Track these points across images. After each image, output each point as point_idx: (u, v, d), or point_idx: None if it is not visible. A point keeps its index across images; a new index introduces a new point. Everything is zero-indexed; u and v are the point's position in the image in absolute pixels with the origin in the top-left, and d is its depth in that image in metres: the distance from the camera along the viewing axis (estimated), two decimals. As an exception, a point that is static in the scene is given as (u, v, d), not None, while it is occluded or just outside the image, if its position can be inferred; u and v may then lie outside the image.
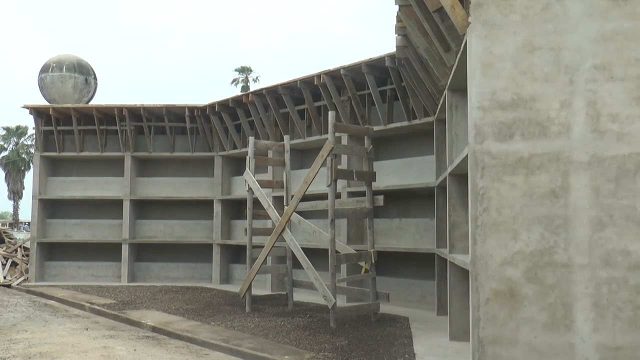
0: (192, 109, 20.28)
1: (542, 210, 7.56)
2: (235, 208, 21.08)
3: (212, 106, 19.66)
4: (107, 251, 21.20)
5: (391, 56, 14.02)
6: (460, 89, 10.38)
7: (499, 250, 7.60)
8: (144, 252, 21.57)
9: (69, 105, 20.78)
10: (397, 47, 12.58)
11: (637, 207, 7.45)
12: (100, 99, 24.33)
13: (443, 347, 10.09)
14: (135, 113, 20.63)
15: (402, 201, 16.00)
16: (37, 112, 21.00)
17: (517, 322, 7.50)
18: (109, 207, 21.47)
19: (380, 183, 14.94)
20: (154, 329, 12.10)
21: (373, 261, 12.77)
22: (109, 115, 20.79)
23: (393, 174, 15.68)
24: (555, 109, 7.62)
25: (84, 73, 22.23)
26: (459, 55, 9.12)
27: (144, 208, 21.73)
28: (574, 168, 7.54)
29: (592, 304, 7.43)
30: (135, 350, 10.32)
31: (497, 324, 7.53)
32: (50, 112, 20.54)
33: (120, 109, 20.23)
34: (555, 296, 7.48)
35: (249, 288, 14.11)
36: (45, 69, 22.04)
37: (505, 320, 7.53)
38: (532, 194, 7.59)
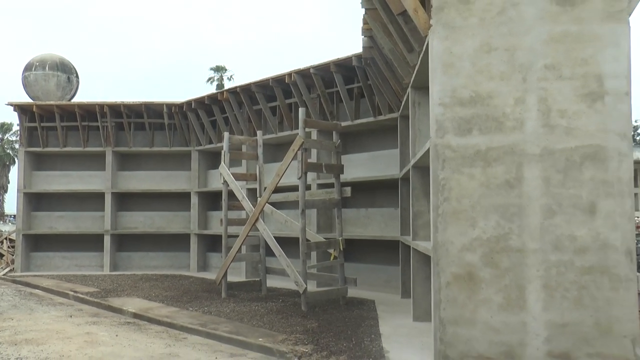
0: (170, 106, 20.14)
1: (498, 200, 7.66)
2: (212, 200, 21.00)
3: (189, 103, 19.54)
4: (90, 242, 20.99)
5: (358, 56, 14.05)
6: (422, 87, 10.45)
7: (458, 237, 7.69)
8: (126, 242, 21.40)
9: (52, 102, 20.48)
10: (363, 47, 12.60)
11: (582, 196, 7.60)
12: (82, 95, 24.15)
13: (407, 327, 10.17)
14: (115, 110, 20.42)
15: (369, 192, 16.06)
16: (21, 109, 20.68)
17: (475, 303, 7.60)
18: (92, 200, 21.26)
19: (348, 175, 14.99)
20: (135, 315, 12.01)
21: (341, 248, 12.81)
22: (90, 112, 20.56)
23: (360, 166, 15.74)
24: (510, 106, 7.72)
25: (66, 72, 21.92)
26: (421, 56, 9.17)
27: (125, 200, 21.55)
28: (527, 160, 7.66)
29: (542, 286, 7.56)
30: (117, 335, 10.24)
31: (457, 306, 7.62)
32: (34, 109, 20.24)
33: (101, 106, 20.02)
34: (510, 279, 7.59)
35: (225, 275, 14.08)
36: (28, 68, 21.69)
37: (464, 302, 7.62)
38: (489, 184, 7.69)
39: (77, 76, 22.36)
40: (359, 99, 15.66)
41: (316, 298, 12.29)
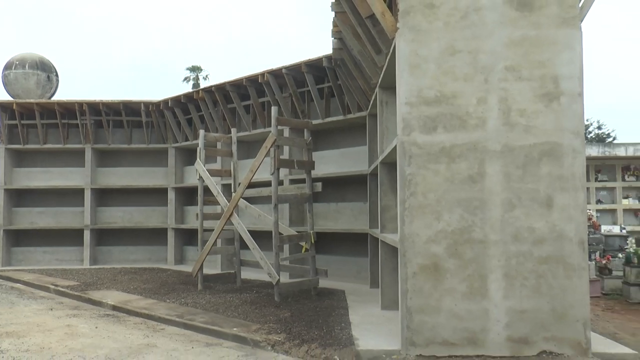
0: (147, 104, 19.89)
1: (462, 194, 7.72)
2: (188, 195, 20.83)
3: (165, 102, 19.33)
4: (70, 237, 20.64)
5: (328, 57, 14.02)
6: (390, 86, 10.47)
7: (424, 229, 7.73)
8: (105, 237, 21.10)
9: (32, 100, 20.06)
10: (333, 49, 12.60)
11: (540, 190, 7.70)
12: (62, 93, 23.72)
13: (375, 316, 10.20)
14: (94, 108, 20.10)
15: (339, 187, 16.07)
16: (1, 106, 20.23)
17: (440, 292, 7.66)
18: (72, 196, 20.90)
19: (318, 171, 14.98)
20: (114, 308, 11.85)
21: (313, 241, 12.81)
22: (70, 110, 20.21)
23: (330, 162, 15.75)
24: (473, 105, 7.78)
25: (46, 70, 21.51)
26: (388, 57, 9.19)
27: (104, 196, 21.25)
28: (488, 157, 7.73)
29: (503, 275, 7.65)
30: (96, 327, 10.10)
31: (422, 295, 7.67)
32: (14, 107, 19.81)
33: (80, 104, 19.68)
34: (472, 269, 7.66)
35: (201, 268, 13.98)
36: (8, 66, 21.24)
37: (430, 291, 7.67)
38: (453, 179, 7.74)
39: (56, 75, 21.96)
40: (329, 98, 15.64)
41: (289, 289, 12.27)
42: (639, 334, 9.24)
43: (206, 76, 55.94)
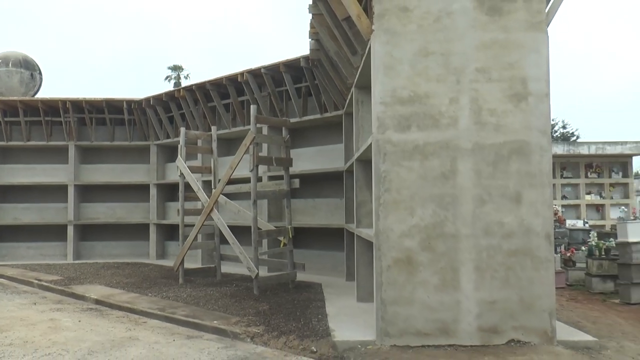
0: (129, 102, 19.65)
1: (435, 190, 7.75)
2: (169, 191, 20.63)
3: (147, 100, 19.12)
4: (54, 232, 20.30)
5: (305, 58, 13.98)
6: (365, 86, 10.46)
7: (398, 224, 7.74)
8: (88, 232, 20.80)
9: (15, 98, 19.71)
10: (310, 50, 12.56)
11: (509, 187, 7.77)
12: (46, 89, 23.25)
13: (351, 308, 10.21)
14: (78, 106, 19.78)
15: (316, 184, 16.04)
16: (-16, 104, 19.86)
17: (414, 284, 7.68)
18: (55, 192, 20.56)
19: (296, 168, 14.94)
20: (97, 302, 11.68)
21: (290, 236, 12.78)
22: (53, 107, 19.86)
23: (308, 160, 15.72)
24: (445, 105, 7.81)
25: (29, 68, 21.16)
26: (364, 58, 9.18)
27: (88, 192, 20.93)
28: (460, 154, 7.77)
29: (474, 267, 7.70)
30: (79, 321, 9.95)
31: (397, 287, 7.69)
32: (-3, 105, 19.47)
33: (64, 101, 19.35)
34: (445, 262, 7.70)
35: (182, 262, 13.87)
36: (-9, 65, 20.85)
37: (403, 283, 7.69)
38: (426, 176, 7.76)
39: (40, 73, 21.60)
40: (307, 97, 15.61)
41: (267, 282, 12.23)
42: (599, 322, 9.38)
43: (187, 75, 55.68)
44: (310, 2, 10.64)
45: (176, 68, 56.01)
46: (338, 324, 8.76)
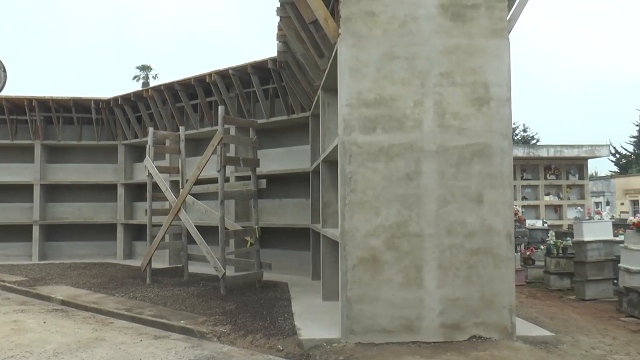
0: (97, 101, 19.29)
1: (399, 191, 7.81)
2: (137, 191, 20.32)
3: (115, 99, 18.82)
4: (19, 232, 19.74)
5: (273, 59, 13.94)
6: (332, 89, 10.48)
7: (363, 224, 7.78)
8: (54, 232, 20.33)
9: (-22, 96, 19.22)
10: (278, 52, 12.54)
11: (471, 187, 7.89)
12: (11, 87, 22.57)
13: (317, 306, 10.23)
14: (44, 104, 19.32)
15: (283, 184, 16.01)
16: (-53, 102, 19.28)
17: (379, 283, 7.73)
18: (21, 192, 20.01)
19: (263, 168, 14.88)
20: (63, 302, 11.43)
21: (257, 236, 12.74)
22: (19, 105, 19.35)
23: (275, 160, 15.69)
24: (410, 107, 7.88)
25: (-7, 67, 20.64)
26: (330, 61, 9.21)
27: (54, 192, 20.46)
28: (424, 156, 7.85)
29: (437, 266, 7.79)
30: (44, 322, 9.73)
31: (362, 285, 7.73)
32: (-39, 103, 18.92)
33: (29, 100, 18.90)
34: (409, 260, 7.77)
35: (149, 262, 13.70)
36: (-45, 63, 20.27)
37: (368, 282, 7.73)
38: (391, 177, 7.82)
39: (4, 71, 21.04)
40: (274, 99, 15.57)
41: (234, 282, 12.17)
42: (556, 318, 9.58)
43: (156, 75, 55.14)
44: (278, 5, 10.62)
45: (145, 68, 55.41)
46: (304, 323, 8.76)
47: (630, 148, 43.74)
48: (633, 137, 43.79)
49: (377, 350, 7.36)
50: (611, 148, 39.68)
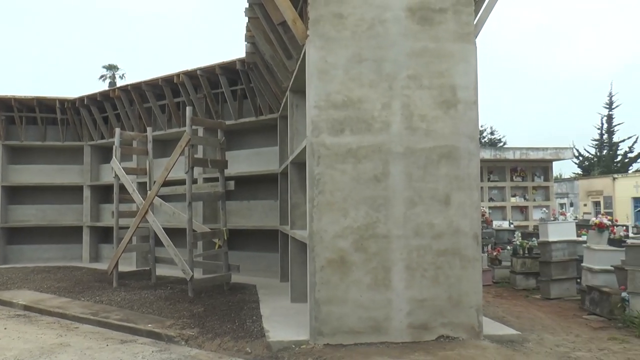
0: (62, 101, 18.93)
1: (367, 192, 7.85)
2: (104, 193, 20.01)
3: (81, 99, 18.50)
4: (-22, 236, 19.27)
5: (241, 60, 13.88)
6: (300, 90, 10.48)
7: (332, 225, 7.79)
8: (17, 235, 19.81)
9: (-63, 96, 18.70)
10: (246, 53, 12.49)
11: (439, 189, 7.96)
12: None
13: (285, 308, 10.20)
14: (6, 104, 18.85)
15: (251, 186, 15.95)
16: None
17: (347, 284, 7.75)
18: (-20, 194, 19.54)
19: (231, 170, 14.80)
20: (26, 308, 11.14)
21: (225, 238, 12.67)
22: (-21, 105, 18.91)
23: (243, 162, 15.62)
24: (378, 110, 7.92)
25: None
26: (299, 62, 9.20)
27: (17, 194, 19.96)
28: (392, 158, 7.90)
29: (405, 267, 7.84)
30: (5, 328, 9.46)
31: (330, 287, 7.73)
32: None
33: (-10, 99, 18.48)
34: (377, 262, 7.80)
35: (116, 265, 13.50)
36: None
37: (337, 283, 7.74)
38: (359, 179, 7.85)
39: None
40: (242, 100, 15.50)
41: (202, 284, 12.08)
42: (522, 317, 9.73)
43: (123, 75, 54.38)
44: (247, 6, 10.58)
45: (111, 67, 54.61)
46: (272, 325, 8.73)
47: (593, 151, 44.78)
48: (595, 140, 44.83)
49: (346, 352, 7.37)
50: (575, 151, 40.64)
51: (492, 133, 47.75)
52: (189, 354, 7.73)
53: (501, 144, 45.19)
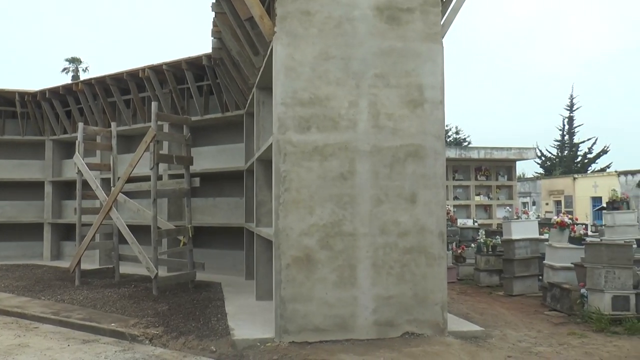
0: (22, 94, 18.45)
1: (334, 190, 7.86)
2: (66, 189, 19.60)
3: (42, 92, 18.08)
4: None
5: (208, 56, 13.76)
6: (267, 87, 10.43)
7: (297, 223, 7.78)
8: (-27, 232, 19.30)
9: None
10: (213, 48, 12.38)
11: (405, 188, 8.02)
12: None
13: (251, 306, 10.16)
14: (-39, 96, 18.36)
15: (216, 182, 15.83)
16: None
17: (313, 282, 7.75)
18: None
19: (197, 166, 14.66)
20: (-19, 307, 10.84)
21: (191, 235, 12.55)
22: None
23: (208, 158, 15.49)
24: (345, 108, 7.94)
25: None
26: (266, 59, 9.16)
27: (-27, 190, 19.45)
28: (359, 156, 7.92)
29: (371, 265, 7.88)
30: (-41, 329, 9.19)
31: (295, 285, 7.73)
32: None
33: (-55, 91, 17.91)
34: (343, 259, 7.82)
35: (79, 263, 13.25)
36: None
37: (302, 281, 7.74)
38: (325, 176, 7.85)
39: None
40: (209, 96, 15.38)
41: (167, 282, 11.94)
42: (486, 313, 9.88)
43: (86, 68, 53.23)
44: (214, 0, 10.48)
45: (74, 60, 53.40)
46: (237, 323, 8.68)
47: (555, 151, 45.74)
48: (557, 141, 45.83)
49: (311, 349, 7.37)
50: (537, 151, 41.41)
51: (457, 132, 48.36)
52: (153, 353, 7.63)
53: (466, 143, 45.81)
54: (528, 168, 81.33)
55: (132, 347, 7.99)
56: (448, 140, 43.86)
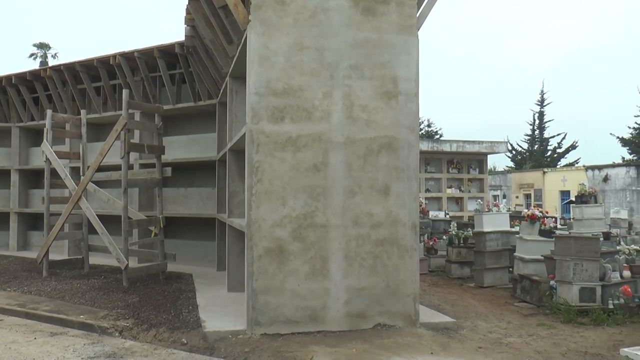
0: (-14, 79, 18.05)
1: (307, 181, 7.83)
2: (33, 178, 19.21)
3: (8, 78, 17.64)
4: None
5: (180, 44, 13.58)
6: (240, 76, 10.32)
7: (270, 214, 7.74)
8: None
9: None
10: (186, 36, 12.22)
11: (378, 179, 8.03)
12: None
13: (222, 297, 10.10)
14: None
15: (188, 172, 15.69)
16: None
17: (285, 273, 7.73)
18: None
19: (168, 156, 14.47)
20: (-58, 299, 10.55)
21: (162, 226, 12.43)
22: None
23: (180, 148, 15.31)
24: (319, 98, 7.90)
25: None
26: (239, 48, 9.07)
27: None
28: (332, 147, 7.90)
29: (343, 256, 7.88)
30: None
31: (267, 276, 7.70)
32: None
33: None
34: (315, 251, 7.81)
35: (47, 254, 13.00)
36: None
37: (274, 272, 7.71)
38: (298, 167, 7.82)
39: None
40: (181, 85, 15.20)
41: (137, 274, 11.80)
42: (457, 304, 9.99)
43: (55, 54, 51.96)
44: (187, -13, 10.34)
45: (42, 46, 52.14)
46: (209, 315, 8.62)
47: (525, 145, 46.38)
48: (527, 135, 46.44)
49: (283, 341, 7.35)
50: (508, 145, 41.99)
51: (429, 125, 48.68)
52: (122, 346, 7.53)
53: (438, 136, 46.16)
54: (499, 161, 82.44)
55: (101, 339, 7.87)
56: (420, 133, 44.16)
